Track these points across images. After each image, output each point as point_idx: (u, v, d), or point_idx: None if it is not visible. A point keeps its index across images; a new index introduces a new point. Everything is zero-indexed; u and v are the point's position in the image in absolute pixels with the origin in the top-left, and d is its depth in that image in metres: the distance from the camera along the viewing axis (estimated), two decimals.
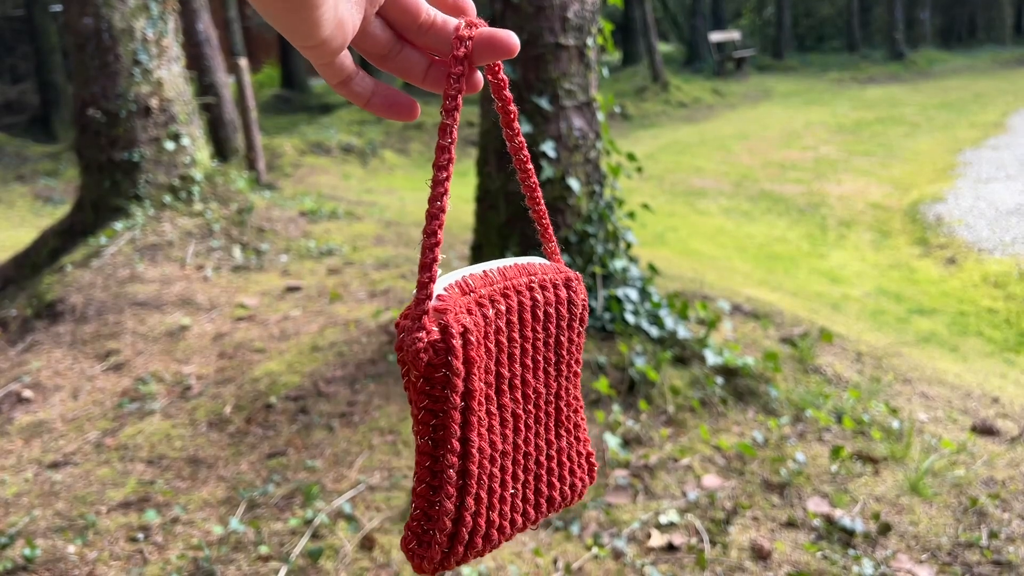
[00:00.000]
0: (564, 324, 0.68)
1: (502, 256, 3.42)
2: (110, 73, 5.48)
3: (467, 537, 0.61)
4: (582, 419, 0.72)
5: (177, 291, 4.68)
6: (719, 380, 3.24)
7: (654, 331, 3.43)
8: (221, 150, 8.63)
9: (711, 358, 3.32)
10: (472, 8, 0.61)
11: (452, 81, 0.59)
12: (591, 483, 0.73)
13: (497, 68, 0.63)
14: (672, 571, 2.28)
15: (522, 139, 0.67)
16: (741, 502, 2.58)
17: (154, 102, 5.61)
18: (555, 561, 2.33)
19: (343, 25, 0.55)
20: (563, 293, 0.68)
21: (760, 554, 2.33)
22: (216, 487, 2.84)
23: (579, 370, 0.71)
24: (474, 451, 0.60)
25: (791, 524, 2.48)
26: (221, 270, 5.06)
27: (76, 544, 2.53)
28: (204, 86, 8.52)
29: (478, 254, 3.67)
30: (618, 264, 3.54)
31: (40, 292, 4.76)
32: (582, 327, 0.70)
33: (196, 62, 8.35)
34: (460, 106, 0.59)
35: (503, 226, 3.48)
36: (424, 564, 0.61)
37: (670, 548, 2.39)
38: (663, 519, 2.50)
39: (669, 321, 3.47)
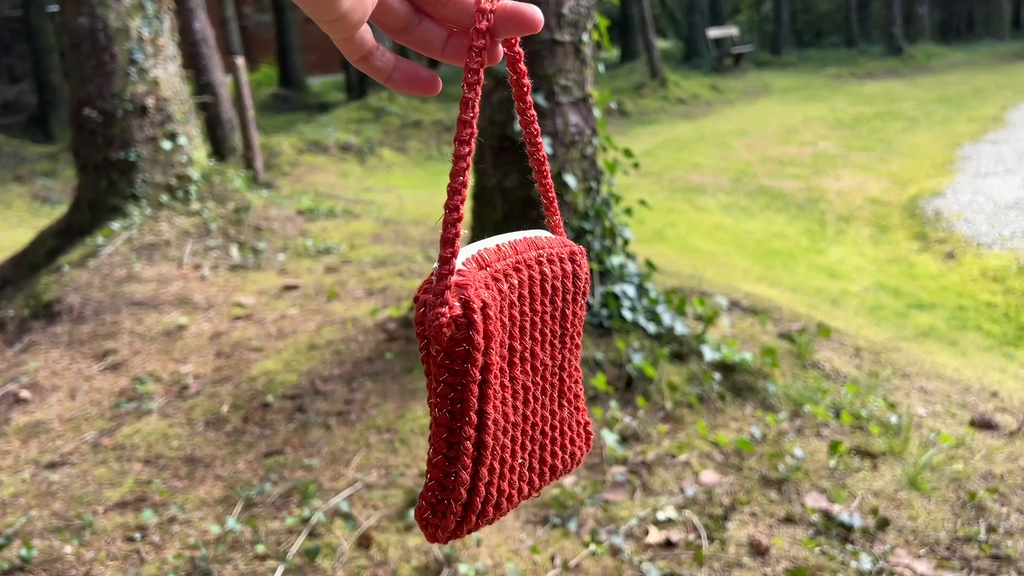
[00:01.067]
0: (569, 297, 0.69)
1: None
2: (106, 72, 5.47)
3: (479, 506, 0.62)
4: (581, 389, 0.73)
5: (174, 290, 4.68)
6: (717, 376, 3.23)
7: (651, 327, 3.42)
8: (218, 149, 8.62)
9: (709, 354, 3.32)
10: None
11: (474, 55, 0.59)
12: (588, 451, 0.75)
13: (513, 41, 0.62)
14: (670, 568, 2.27)
15: (534, 113, 0.67)
16: (739, 498, 2.57)
17: (150, 101, 5.60)
18: (552, 558, 2.33)
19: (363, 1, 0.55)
20: (568, 267, 0.69)
21: (758, 550, 2.32)
22: (213, 486, 2.84)
23: (580, 342, 0.72)
24: (490, 423, 0.61)
25: (789, 520, 2.47)
26: (218, 269, 5.05)
27: (73, 544, 2.53)
28: (201, 85, 8.51)
29: None
30: (615, 260, 3.53)
31: (37, 292, 4.75)
32: (584, 300, 0.71)
33: (193, 61, 8.34)
34: (482, 80, 0.59)
35: (499, 223, 3.47)
36: (438, 533, 0.62)
37: (668, 545, 2.38)
38: (661, 515, 2.49)
39: (667, 317, 3.47)
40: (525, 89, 0.66)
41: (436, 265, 0.59)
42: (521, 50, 0.63)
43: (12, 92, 15.83)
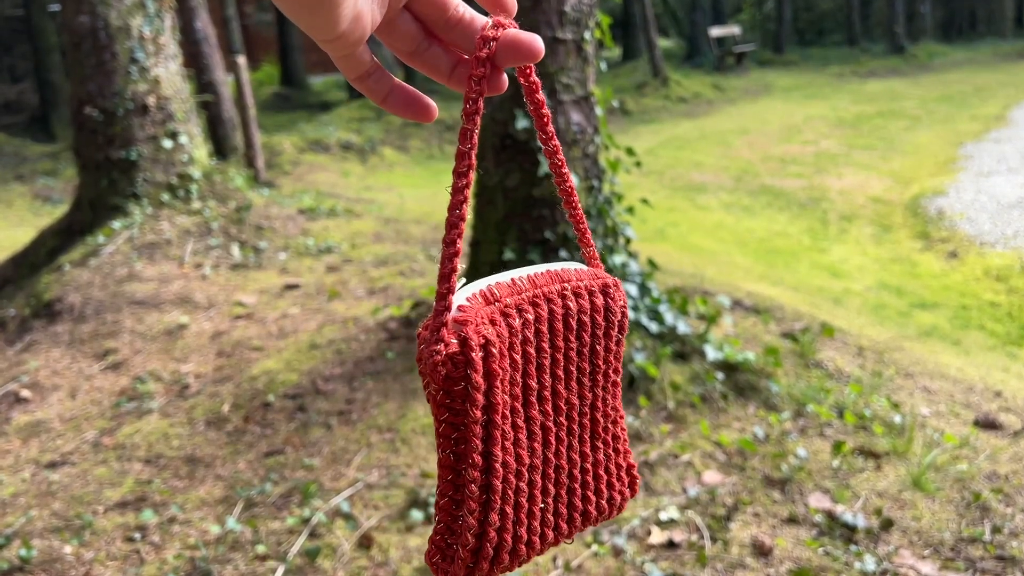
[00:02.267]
0: (600, 333, 0.66)
1: (500, 252, 3.40)
2: (107, 71, 5.46)
3: (492, 553, 0.59)
4: (622, 430, 0.69)
5: (175, 290, 4.67)
6: (719, 375, 3.22)
7: (654, 327, 3.41)
8: (220, 148, 8.61)
9: (711, 353, 3.30)
10: (513, 6, 0.60)
11: (473, 83, 0.57)
12: (632, 496, 0.71)
13: (529, 71, 0.61)
14: (672, 568, 2.26)
15: (556, 143, 0.65)
16: (742, 498, 2.56)
17: (151, 100, 5.59)
18: (555, 559, 2.31)
19: (361, 19, 0.54)
20: (600, 300, 0.66)
21: (761, 550, 2.31)
22: (213, 486, 2.83)
23: (618, 379, 0.68)
24: (497, 466, 0.58)
25: (792, 520, 2.46)
26: (219, 268, 5.04)
27: (73, 544, 2.52)
28: (202, 84, 8.50)
29: (476, 250, 3.65)
30: (617, 259, 3.51)
31: (38, 291, 4.74)
32: (622, 335, 0.68)
33: (194, 60, 8.32)
34: (481, 109, 0.58)
35: (500, 222, 3.45)
36: None
37: (670, 545, 2.37)
38: (663, 516, 2.48)
39: (669, 316, 3.45)
40: (546, 120, 0.63)
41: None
42: (538, 80, 0.61)
43: (13, 91, 15.83)
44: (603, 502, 0.68)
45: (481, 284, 0.60)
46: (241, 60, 7.91)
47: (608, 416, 0.68)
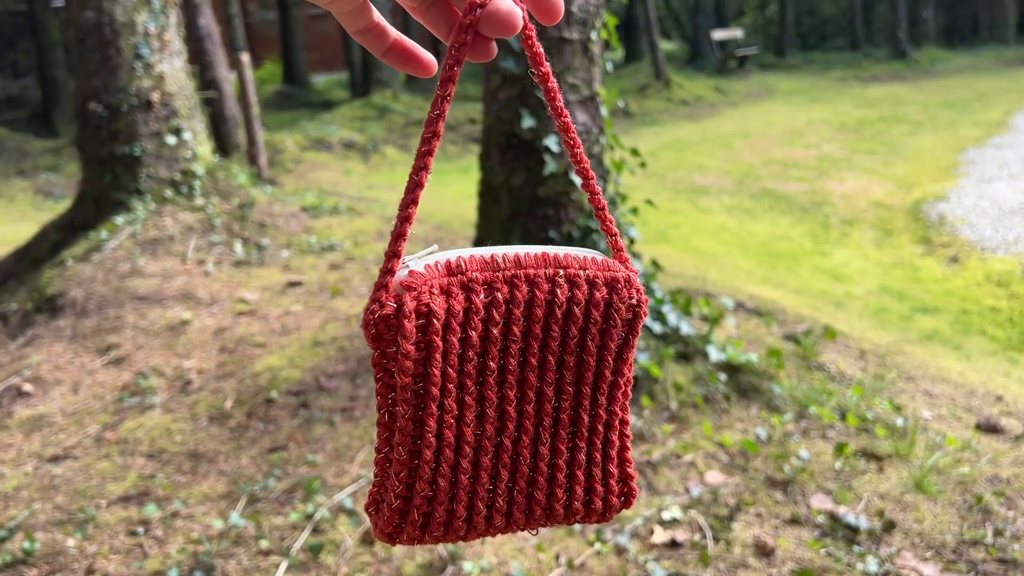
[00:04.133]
0: (595, 328, 0.61)
1: None
2: (111, 67, 5.47)
3: (419, 519, 0.59)
4: (622, 436, 0.65)
5: (178, 286, 4.67)
6: (722, 377, 3.22)
7: (657, 327, 3.41)
8: (222, 146, 8.61)
9: (714, 355, 3.31)
10: None
11: (452, 51, 0.56)
12: (625, 507, 0.67)
13: (531, 40, 0.58)
14: (675, 567, 2.26)
15: (568, 121, 0.61)
16: (744, 499, 2.56)
17: (155, 96, 5.60)
18: (557, 557, 2.32)
19: None
20: (601, 294, 0.60)
21: (764, 551, 2.31)
22: (216, 481, 2.83)
23: (622, 383, 0.63)
24: (430, 437, 0.57)
25: (795, 521, 2.47)
26: (222, 265, 5.05)
27: (76, 538, 2.52)
28: (205, 82, 8.50)
29: None
30: None
31: (40, 286, 4.75)
32: (630, 335, 0.62)
33: (197, 57, 8.33)
34: (455, 77, 0.56)
35: (505, 220, 3.46)
36: (377, 532, 0.60)
37: (673, 544, 2.37)
38: (666, 515, 2.48)
39: (672, 317, 3.46)
40: (553, 93, 0.60)
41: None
42: (541, 50, 0.59)
43: (16, 87, 15.83)
44: (576, 503, 0.64)
45: (451, 254, 0.58)
46: (244, 57, 7.91)
47: (600, 418, 0.63)
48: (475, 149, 10.70)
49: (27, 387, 3.64)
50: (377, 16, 0.61)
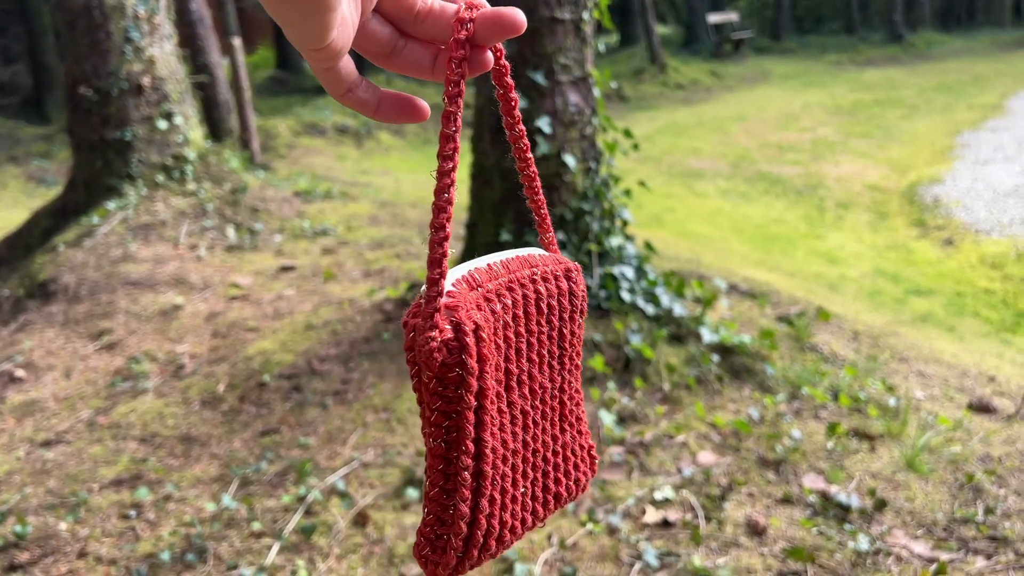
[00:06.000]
0: (567, 316, 0.67)
1: (497, 233, 3.39)
2: (101, 51, 5.42)
3: (481, 540, 0.59)
4: (583, 412, 0.70)
5: (170, 270, 4.65)
6: (715, 358, 3.22)
7: (650, 309, 3.41)
8: (215, 131, 8.57)
9: (707, 336, 3.30)
10: None
11: (454, 66, 0.56)
12: (593, 476, 0.72)
13: (499, 55, 0.60)
14: (667, 547, 2.27)
15: (523, 128, 0.65)
16: (736, 478, 2.57)
17: (146, 80, 5.56)
18: (550, 537, 2.32)
19: (346, 24, 0.53)
20: (564, 284, 0.66)
21: (755, 530, 2.32)
22: (209, 465, 2.82)
23: (580, 362, 0.69)
24: (487, 451, 0.58)
25: (787, 500, 2.47)
26: (214, 250, 5.03)
27: (68, 521, 2.52)
28: (197, 66, 8.44)
29: (472, 232, 3.64)
30: (614, 242, 3.51)
31: (32, 272, 4.73)
32: (582, 318, 0.68)
33: (189, 42, 8.27)
34: (463, 92, 0.57)
35: (497, 203, 3.44)
36: (439, 570, 0.59)
37: (665, 524, 2.37)
38: (658, 495, 2.49)
39: (665, 299, 3.45)
40: (513, 104, 0.64)
41: (424, 288, 0.56)
42: (507, 63, 0.61)
43: (7, 73, 15.72)
44: (571, 483, 0.68)
45: (461, 270, 0.60)
46: (237, 42, 7.86)
47: (572, 398, 0.68)
48: (466, 134, 10.66)
49: (19, 372, 3.63)
50: (358, 75, 0.59)
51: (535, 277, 0.64)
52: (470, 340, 0.54)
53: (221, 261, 4.86)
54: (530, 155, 0.66)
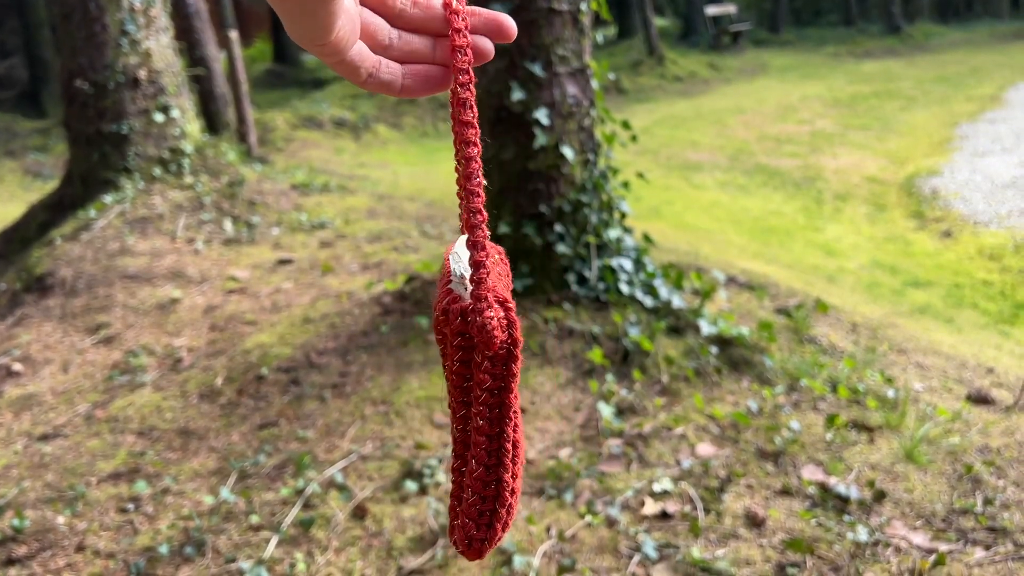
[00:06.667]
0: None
1: (494, 226, 3.39)
2: (97, 44, 5.40)
3: (505, 516, 0.60)
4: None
5: (168, 264, 4.64)
6: (713, 350, 3.22)
7: (648, 301, 3.40)
8: (212, 124, 8.54)
9: (706, 328, 3.30)
10: None
11: (459, 55, 0.57)
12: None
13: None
14: (666, 538, 2.27)
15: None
16: (735, 470, 2.57)
17: (142, 73, 5.53)
18: (548, 529, 2.32)
19: (350, 14, 0.52)
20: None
21: (754, 521, 2.32)
22: (207, 458, 2.82)
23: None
24: (520, 421, 0.60)
25: (786, 492, 2.47)
26: (212, 243, 5.01)
27: (65, 515, 2.51)
28: (194, 59, 8.41)
29: None
30: (612, 234, 3.50)
31: (29, 265, 4.71)
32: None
33: (185, 35, 8.23)
34: (474, 78, 0.58)
35: (496, 195, 3.43)
36: (484, 547, 0.59)
37: (664, 516, 2.37)
38: (657, 487, 2.48)
39: (663, 291, 3.45)
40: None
41: (459, 273, 0.57)
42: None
43: (3, 67, 15.66)
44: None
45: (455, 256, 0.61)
46: (233, 35, 7.83)
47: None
48: None
49: (16, 366, 3.62)
50: (377, 56, 0.58)
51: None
52: (515, 316, 0.56)
53: (219, 254, 4.85)
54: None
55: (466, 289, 0.56)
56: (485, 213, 0.57)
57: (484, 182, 0.58)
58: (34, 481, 2.73)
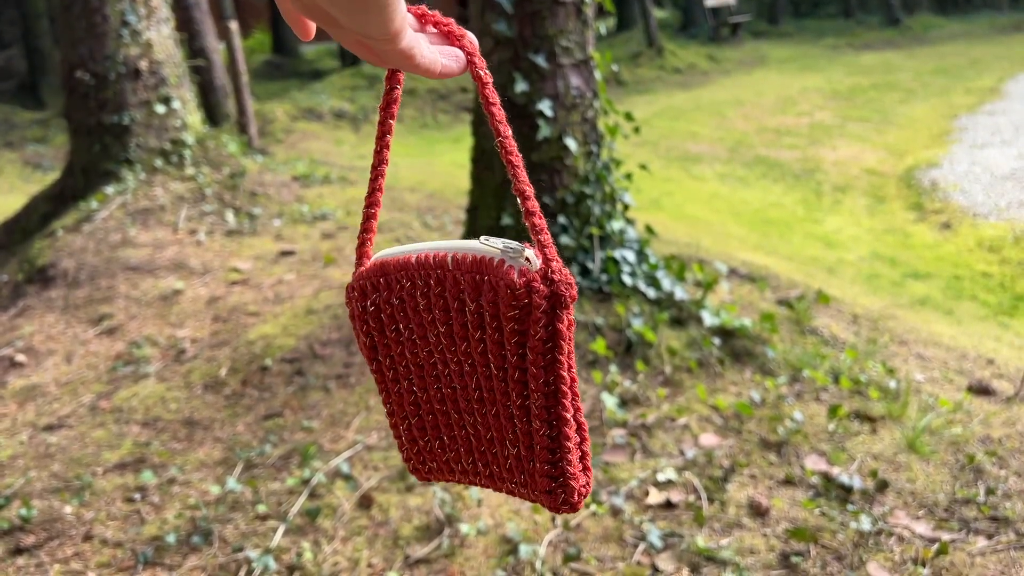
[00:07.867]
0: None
1: (498, 217, 3.39)
2: (98, 34, 5.39)
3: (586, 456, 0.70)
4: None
5: (170, 255, 4.64)
6: (716, 341, 3.23)
7: (651, 292, 3.42)
8: (212, 116, 8.52)
9: (708, 319, 3.31)
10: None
11: (475, 62, 0.65)
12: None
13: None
14: (670, 528, 2.28)
15: (509, 141, 0.66)
16: (739, 460, 2.58)
17: (143, 64, 5.52)
18: (553, 518, 2.33)
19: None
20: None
21: (758, 511, 2.33)
22: (212, 448, 2.83)
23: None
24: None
25: (789, 481, 2.49)
26: (214, 234, 5.02)
27: (73, 504, 2.53)
28: (194, 50, 8.39)
29: (473, 216, 3.64)
30: (615, 225, 3.51)
31: (31, 257, 4.71)
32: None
33: (185, 26, 8.21)
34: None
35: (498, 187, 3.44)
36: (585, 490, 0.66)
37: (668, 505, 2.39)
38: (661, 477, 2.50)
39: (666, 282, 3.46)
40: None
41: (506, 247, 0.62)
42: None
43: (1, 58, 15.60)
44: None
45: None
46: (233, 26, 7.81)
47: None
48: (466, 118, 10.62)
49: (20, 357, 3.63)
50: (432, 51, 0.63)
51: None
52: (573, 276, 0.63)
53: (221, 246, 4.85)
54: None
55: (517, 255, 0.60)
56: (532, 187, 0.64)
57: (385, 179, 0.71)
58: (40, 471, 2.74)
